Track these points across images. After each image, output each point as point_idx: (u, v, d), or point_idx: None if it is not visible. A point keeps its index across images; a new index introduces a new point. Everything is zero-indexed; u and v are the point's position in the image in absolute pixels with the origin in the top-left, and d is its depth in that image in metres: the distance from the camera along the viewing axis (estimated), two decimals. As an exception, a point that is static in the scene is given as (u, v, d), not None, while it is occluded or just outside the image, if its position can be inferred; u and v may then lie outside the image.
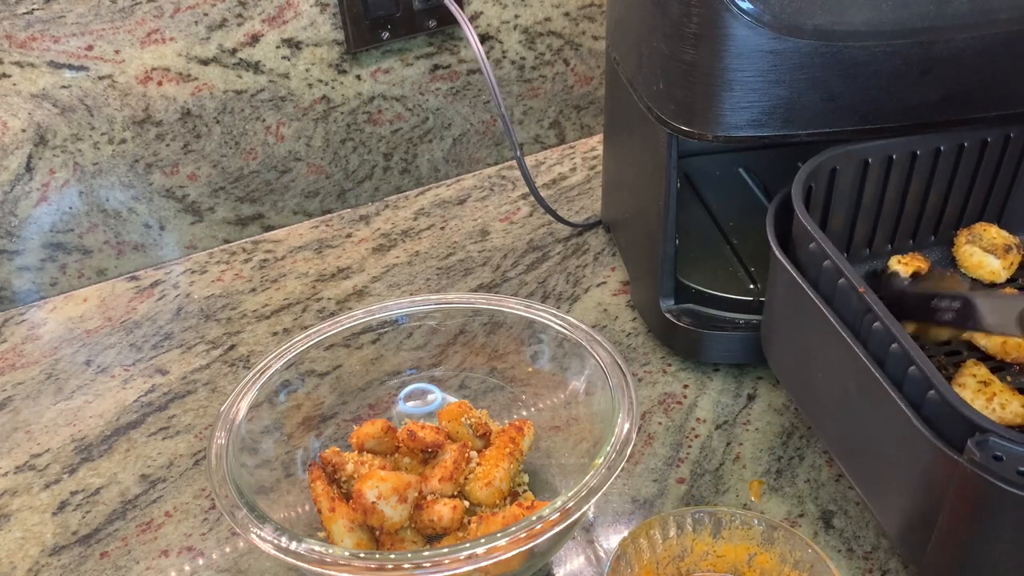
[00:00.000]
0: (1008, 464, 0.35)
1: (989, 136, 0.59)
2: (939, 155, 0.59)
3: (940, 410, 0.39)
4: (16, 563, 0.55)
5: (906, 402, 0.41)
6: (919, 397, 0.40)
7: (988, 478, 0.36)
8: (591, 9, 0.93)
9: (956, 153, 0.59)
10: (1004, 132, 0.59)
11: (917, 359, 0.40)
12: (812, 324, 0.49)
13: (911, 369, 0.41)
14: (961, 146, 0.59)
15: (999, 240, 0.61)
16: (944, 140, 0.58)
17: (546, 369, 0.59)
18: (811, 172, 0.56)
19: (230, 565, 0.54)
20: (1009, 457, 0.36)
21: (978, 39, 0.53)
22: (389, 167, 0.91)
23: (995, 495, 0.36)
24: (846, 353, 0.45)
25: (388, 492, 0.47)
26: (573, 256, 0.80)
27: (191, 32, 0.76)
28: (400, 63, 0.86)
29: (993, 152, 0.60)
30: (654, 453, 0.59)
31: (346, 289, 0.78)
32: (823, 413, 0.51)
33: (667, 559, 0.47)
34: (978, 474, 0.36)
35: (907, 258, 0.61)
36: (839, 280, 0.47)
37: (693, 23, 0.52)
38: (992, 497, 0.36)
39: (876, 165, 0.58)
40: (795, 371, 0.54)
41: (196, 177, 0.82)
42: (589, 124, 1.01)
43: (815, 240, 0.49)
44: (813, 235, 0.49)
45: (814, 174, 0.56)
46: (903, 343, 0.41)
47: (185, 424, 0.64)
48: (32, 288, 0.79)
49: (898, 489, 0.43)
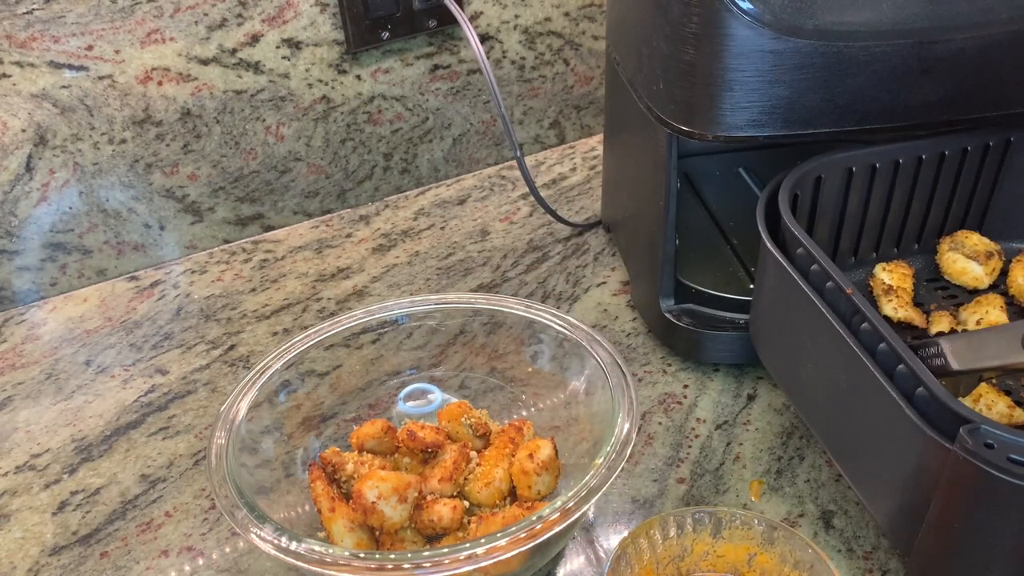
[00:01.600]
0: (999, 452, 0.36)
1: (970, 145, 0.59)
2: (921, 163, 0.59)
3: (929, 406, 0.40)
4: (16, 563, 0.55)
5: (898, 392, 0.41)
6: (908, 393, 0.41)
7: (980, 465, 0.36)
8: (591, 9, 0.93)
9: (938, 161, 0.60)
10: (984, 141, 0.60)
11: (906, 358, 0.41)
12: (802, 315, 0.49)
13: (900, 367, 0.41)
14: (942, 155, 0.59)
15: (981, 247, 0.62)
16: (926, 149, 0.59)
17: (546, 369, 0.59)
18: (797, 180, 0.56)
19: (230, 565, 0.54)
20: (1000, 445, 0.37)
21: (978, 39, 0.53)
22: (389, 167, 0.91)
23: (987, 482, 0.37)
24: (837, 345, 0.45)
25: (388, 492, 0.47)
26: (573, 256, 0.80)
27: (191, 32, 0.76)
28: (400, 63, 0.86)
29: (974, 160, 0.60)
30: (654, 453, 0.59)
31: (346, 289, 0.78)
32: (812, 403, 0.51)
33: (667, 559, 0.47)
34: (970, 461, 0.37)
35: (891, 266, 0.61)
36: (827, 283, 0.47)
37: (693, 23, 0.52)
38: (984, 484, 0.37)
39: (860, 173, 0.58)
40: (784, 362, 0.55)
41: (196, 177, 0.82)
42: (589, 124, 1.01)
43: (803, 245, 0.50)
44: (801, 240, 0.50)
45: (800, 182, 0.56)
46: (892, 343, 0.42)
47: (185, 424, 0.64)
48: (32, 288, 0.79)
49: (889, 479, 0.44)
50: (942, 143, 0.59)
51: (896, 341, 0.42)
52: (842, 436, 0.48)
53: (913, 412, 0.40)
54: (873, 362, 0.43)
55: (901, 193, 0.61)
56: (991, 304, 0.57)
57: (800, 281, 0.49)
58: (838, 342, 0.45)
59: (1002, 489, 0.36)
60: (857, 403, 0.45)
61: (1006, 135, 0.60)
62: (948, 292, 0.62)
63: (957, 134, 0.59)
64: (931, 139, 0.59)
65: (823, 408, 0.50)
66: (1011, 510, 0.37)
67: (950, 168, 0.60)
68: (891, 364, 0.42)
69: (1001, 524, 0.38)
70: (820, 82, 0.53)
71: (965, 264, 0.61)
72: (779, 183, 0.55)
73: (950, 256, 0.62)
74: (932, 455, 0.39)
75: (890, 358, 0.42)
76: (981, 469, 0.36)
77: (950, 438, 0.38)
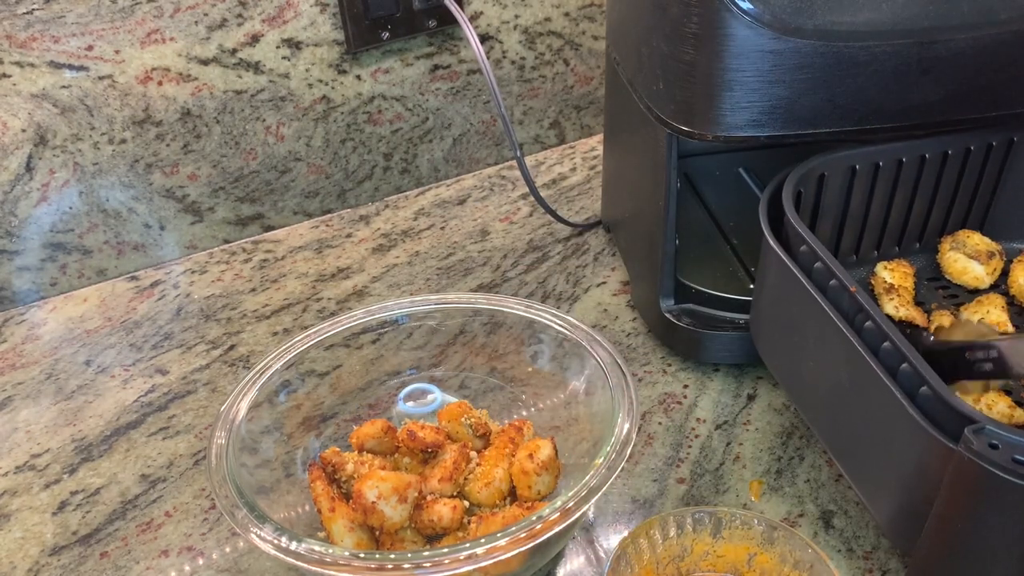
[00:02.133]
0: (1004, 452, 0.36)
1: (972, 144, 0.59)
2: (924, 162, 0.59)
3: (932, 406, 0.40)
4: (16, 563, 0.55)
5: (902, 392, 0.41)
6: (911, 393, 0.41)
7: (985, 466, 0.36)
8: (591, 9, 0.93)
9: (940, 161, 0.60)
10: (987, 140, 0.60)
11: (910, 356, 0.41)
12: (804, 313, 0.49)
13: (903, 366, 0.41)
14: (945, 154, 0.59)
15: (982, 247, 0.62)
16: (929, 148, 0.59)
17: (546, 369, 0.59)
18: (800, 177, 0.56)
19: (230, 565, 0.54)
20: (1005, 446, 0.36)
21: (978, 39, 0.53)
22: (389, 167, 0.91)
23: (991, 483, 0.37)
24: (840, 343, 0.45)
25: (388, 492, 0.47)
26: (573, 256, 0.80)
27: (191, 32, 0.76)
28: (400, 63, 0.86)
29: (976, 160, 0.60)
30: (654, 453, 0.59)
31: (346, 289, 0.78)
32: (813, 402, 0.51)
33: (667, 559, 0.47)
34: (975, 462, 0.37)
35: (893, 264, 0.61)
36: (831, 281, 0.47)
37: (693, 23, 0.52)
38: (988, 485, 0.37)
39: (863, 172, 0.58)
40: (785, 360, 0.55)
41: (196, 177, 0.82)
42: (589, 124, 1.01)
43: (806, 243, 0.50)
44: (804, 238, 0.50)
45: (803, 180, 0.56)
46: (896, 341, 0.42)
47: (185, 424, 0.64)
48: (32, 288, 0.79)
49: (890, 478, 0.43)
50: (945, 142, 0.59)
51: (900, 340, 0.42)
52: (843, 435, 0.48)
53: (916, 412, 0.40)
54: (876, 361, 0.43)
55: (904, 192, 0.61)
56: (992, 304, 0.57)
57: (803, 279, 0.49)
58: (841, 340, 0.45)
59: (1006, 490, 0.36)
60: (859, 402, 0.45)
61: (1009, 135, 0.60)
62: (949, 291, 0.62)
63: (960, 133, 0.59)
64: (934, 138, 0.58)
65: (824, 407, 0.50)
66: (1015, 511, 0.37)
67: (953, 167, 0.60)
68: (895, 363, 0.42)
69: (1004, 525, 0.38)
70: (820, 82, 0.53)
71: (966, 264, 0.61)
72: (782, 180, 0.55)
73: (951, 256, 0.62)
74: (935, 455, 0.39)
75: (894, 357, 0.42)
76: (985, 470, 0.36)
77: (954, 438, 0.38)
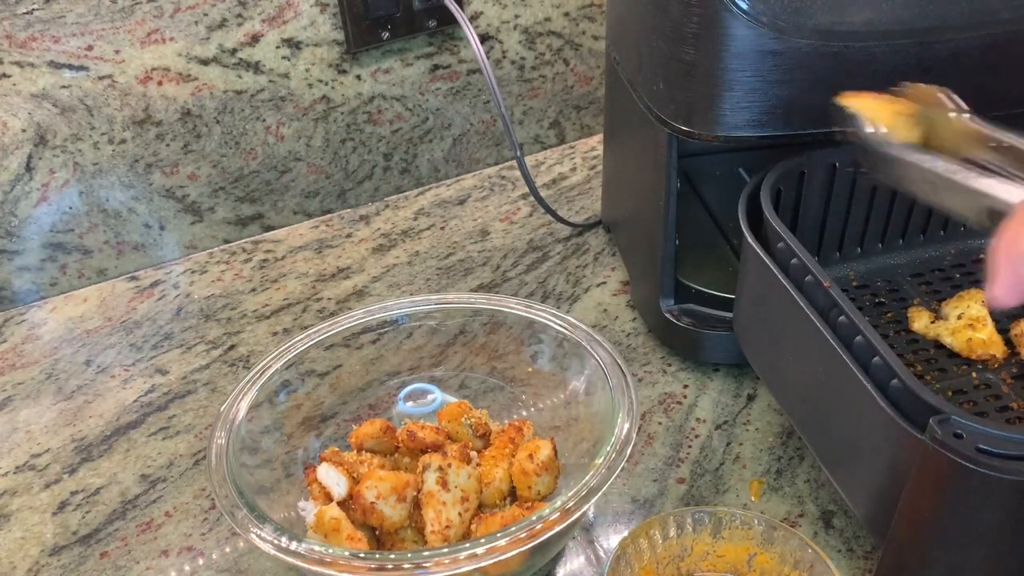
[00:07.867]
0: (968, 442, 0.37)
1: None
2: None
3: (903, 397, 0.40)
4: (16, 563, 0.55)
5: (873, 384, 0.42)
6: (882, 385, 0.42)
7: (949, 455, 0.37)
8: (591, 9, 0.93)
9: None
10: None
11: (881, 350, 0.42)
12: (782, 309, 0.49)
13: (875, 359, 0.42)
14: None
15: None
16: None
17: (546, 369, 0.59)
18: (780, 175, 0.56)
19: (230, 565, 0.54)
20: (969, 435, 0.37)
21: (978, 39, 0.53)
22: (389, 167, 0.91)
23: (956, 472, 0.37)
24: (815, 337, 0.46)
25: (387, 492, 0.47)
26: (573, 256, 0.80)
27: (191, 32, 0.76)
28: (400, 63, 0.86)
29: None
30: (654, 453, 0.59)
31: (346, 289, 0.78)
32: (792, 397, 0.52)
33: (667, 559, 0.47)
34: (940, 451, 0.37)
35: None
36: (806, 277, 0.48)
37: (693, 23, 0.52)
38: (953, 474, 0.38)
39: (844, 169, 0.58)
40: (766, 356, 0.55)
41: (196, 177, 0.82)
42: (589, 124, 1.01)
43: (783, 239, 0.50)
44: (781, 234, 0.50)
45: (783, 178, 0.56)
46: (867, 335, 0.43)
47: (185, 424, 0.64)
48: (32, 288, 0.79)
49: (865, 470, 0.44)
50: None
51: (871, 333, 0.43)
52: (821, 428, 0.49)
53: (887, 403, 0.41)
54: (849, 354, 0.43)
55: (885, 189, 0.60)
56: (972, 299, 0.57)
57: (779, 275, 0.49)
58: (816, 335, 0.46)
59: (970, 479, 0.37)
60: (835, 395, 0.46)
61: None
62: (932, 287, 0.62)
63: None
64: None
65: (803, 401, 0.50)
66: (979, 499, 0.38)
67: None
68: (867, 356, 0.43)
69: (970, 513, 0.39)
70: (820, 82, 0.53)
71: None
72: (762, 178, 0.55)
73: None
74: (904, 446, 0.40)
75: (865, 350, 0.43)
76: (950, 459, 0.37)
77: (921, 428, 0.39)
